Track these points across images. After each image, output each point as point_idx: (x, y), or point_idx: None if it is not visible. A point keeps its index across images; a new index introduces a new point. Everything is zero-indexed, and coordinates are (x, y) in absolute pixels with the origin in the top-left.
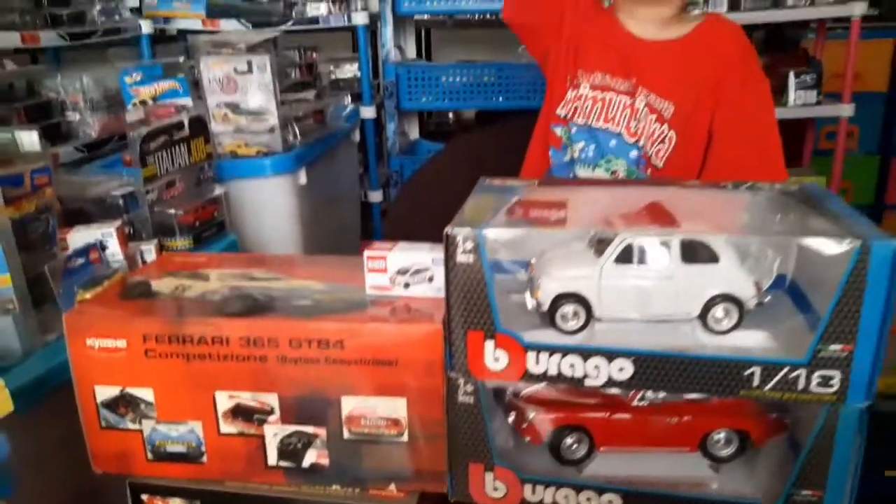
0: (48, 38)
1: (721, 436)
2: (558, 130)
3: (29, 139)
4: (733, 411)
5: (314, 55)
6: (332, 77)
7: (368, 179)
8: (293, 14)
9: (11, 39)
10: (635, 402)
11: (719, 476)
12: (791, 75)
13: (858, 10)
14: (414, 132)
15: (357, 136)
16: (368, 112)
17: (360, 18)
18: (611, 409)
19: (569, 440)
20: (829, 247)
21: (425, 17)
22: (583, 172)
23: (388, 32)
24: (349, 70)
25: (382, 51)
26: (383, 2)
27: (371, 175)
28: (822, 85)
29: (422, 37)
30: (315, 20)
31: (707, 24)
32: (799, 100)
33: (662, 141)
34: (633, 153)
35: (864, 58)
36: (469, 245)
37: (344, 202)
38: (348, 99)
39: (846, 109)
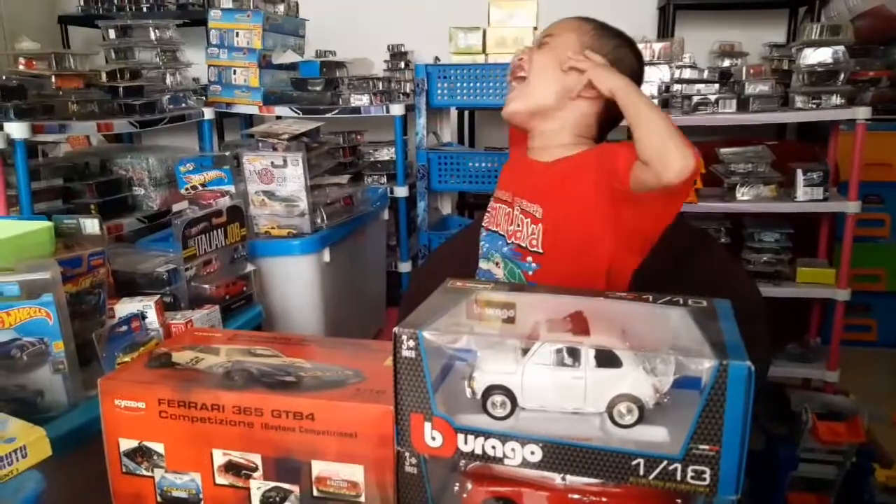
0: (120, 125)
1: None
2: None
3: (91, 225)
4: (643, 497)
5: (359, 138)
6: (373, 159)
7: (399, 252)
8: (339, 103)
9: (89, 128)
10: (557, 482)
11: None
12: (799, 172)
13: (862, 114)
14: (447, 207)
15: (386, 215)
16: (402, 191)
17: (396, 110)
18: (536, 486)
19: None
20: (697, 364)
21: None
22: (483, 265)
23: (421, 122)
24: (388, 153)
25: (416, 137)
26: (418, 95)
27: (402, 248)
28: (829, 182)
29: (464, 119)
30: (357, 110)
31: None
32: (806, 195)
33: (533, 234)
34: (505, 248)
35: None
36: (412, 343)
37: (370, 275)
38: (384, 179)
39: (852, 206)
